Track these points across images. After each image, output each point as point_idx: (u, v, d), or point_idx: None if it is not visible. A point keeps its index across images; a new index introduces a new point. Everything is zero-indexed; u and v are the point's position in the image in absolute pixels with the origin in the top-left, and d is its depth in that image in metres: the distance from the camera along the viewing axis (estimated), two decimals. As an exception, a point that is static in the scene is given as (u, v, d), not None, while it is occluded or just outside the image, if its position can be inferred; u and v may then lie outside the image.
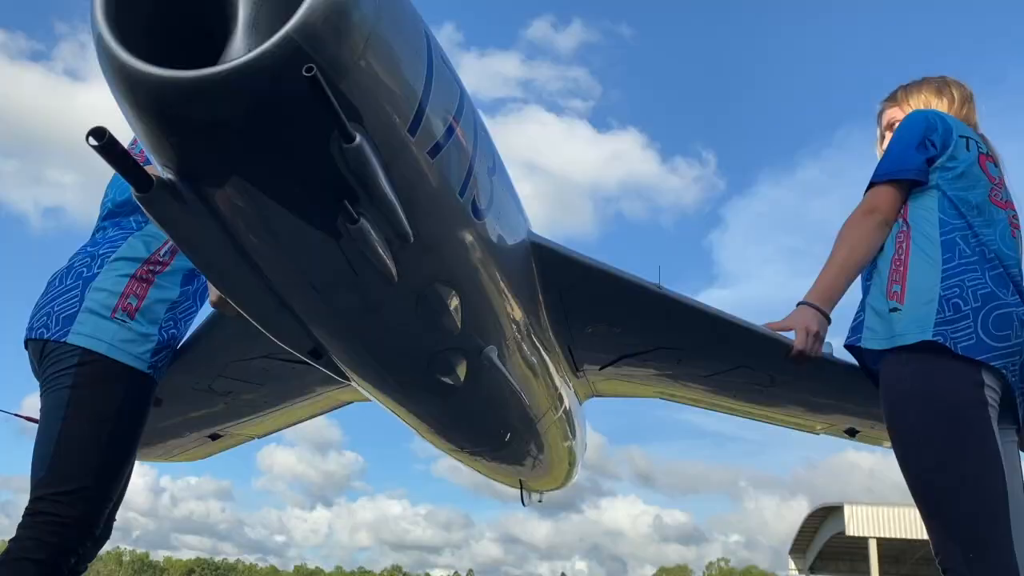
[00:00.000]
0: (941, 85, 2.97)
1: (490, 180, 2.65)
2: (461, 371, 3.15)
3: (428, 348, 2.98)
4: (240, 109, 1.78)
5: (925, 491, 2.38)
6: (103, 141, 1.84)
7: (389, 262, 2.26)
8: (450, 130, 2.29)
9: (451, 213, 2.46)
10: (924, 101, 2.95)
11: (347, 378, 3.35)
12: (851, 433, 5.17)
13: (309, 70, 1.68)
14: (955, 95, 2.93)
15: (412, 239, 2.25)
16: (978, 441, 2.31)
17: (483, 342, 3.10)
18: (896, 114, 3.02)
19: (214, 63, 1.89)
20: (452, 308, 2.75)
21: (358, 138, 1.87)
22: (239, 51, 1.88)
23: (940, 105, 2.91)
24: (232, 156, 1.88)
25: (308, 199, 1.98)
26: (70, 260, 3.10)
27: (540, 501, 7.29)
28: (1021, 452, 2.66)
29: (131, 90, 1.78)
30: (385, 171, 2.01)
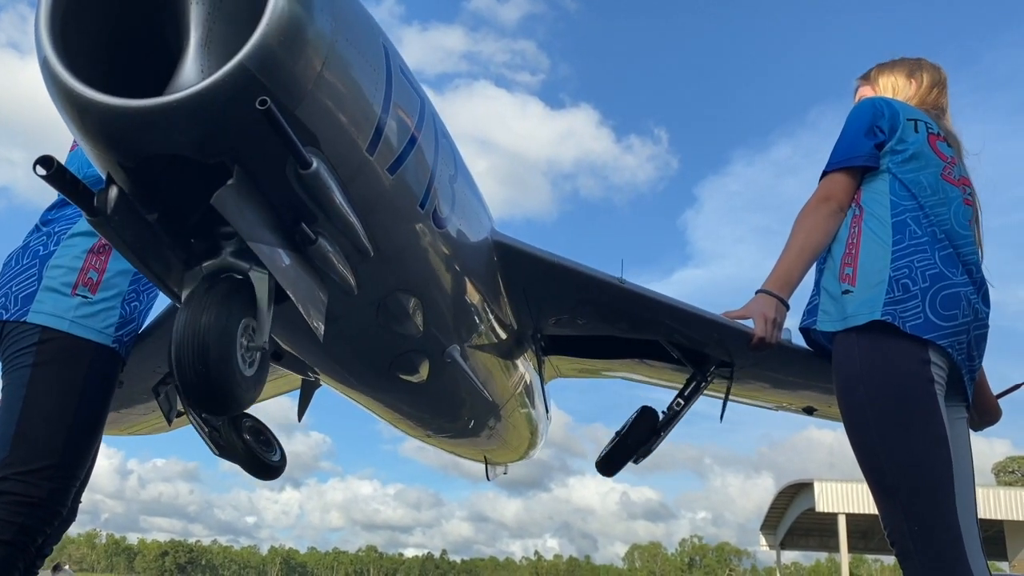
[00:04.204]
0: (913, 68, 2.95)
1: (451, 187, 2.62)
2: (424, 370, 3.16)
3: (390, 352, 2.98)
4: (190, 138, 1.73)
5: (873, 466, 2.42)
6: (51, 170, 1.78)
7: (349, 276, 2.23)
8: (411, 142, 2.25)
9: (412, 225, 2.44)
10: (892, 83, 2.95)
11: (310, 375, 3.34)
12: (808, 411, 5.31)
13: (263, 103, 1.62)
14: (925, 79, 2.92)
15: (372, 253, 2.22)
16: (924, 417, 2.35)
17: (446, 342, 3.10)
18: (867, 92, 3.02)
19: (167, 75, 1.84)
20: (413, 314, 2.74)
21: (315, 163, 1.84)
22: (191, 73, 1.82)
23: (908, 88, 2.91)
24: (183, 182, 1.83)
25: (264, 222, 1.94)
26: (25, 239, 3.00)
27: (505, 473, 7.38)
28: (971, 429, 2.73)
29: (80, 117, 1.72)
30: (343, 192, 1.98)
